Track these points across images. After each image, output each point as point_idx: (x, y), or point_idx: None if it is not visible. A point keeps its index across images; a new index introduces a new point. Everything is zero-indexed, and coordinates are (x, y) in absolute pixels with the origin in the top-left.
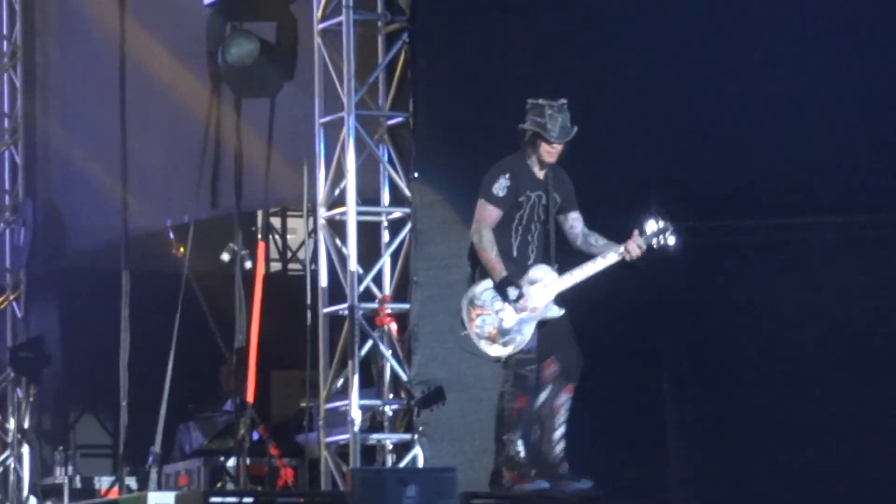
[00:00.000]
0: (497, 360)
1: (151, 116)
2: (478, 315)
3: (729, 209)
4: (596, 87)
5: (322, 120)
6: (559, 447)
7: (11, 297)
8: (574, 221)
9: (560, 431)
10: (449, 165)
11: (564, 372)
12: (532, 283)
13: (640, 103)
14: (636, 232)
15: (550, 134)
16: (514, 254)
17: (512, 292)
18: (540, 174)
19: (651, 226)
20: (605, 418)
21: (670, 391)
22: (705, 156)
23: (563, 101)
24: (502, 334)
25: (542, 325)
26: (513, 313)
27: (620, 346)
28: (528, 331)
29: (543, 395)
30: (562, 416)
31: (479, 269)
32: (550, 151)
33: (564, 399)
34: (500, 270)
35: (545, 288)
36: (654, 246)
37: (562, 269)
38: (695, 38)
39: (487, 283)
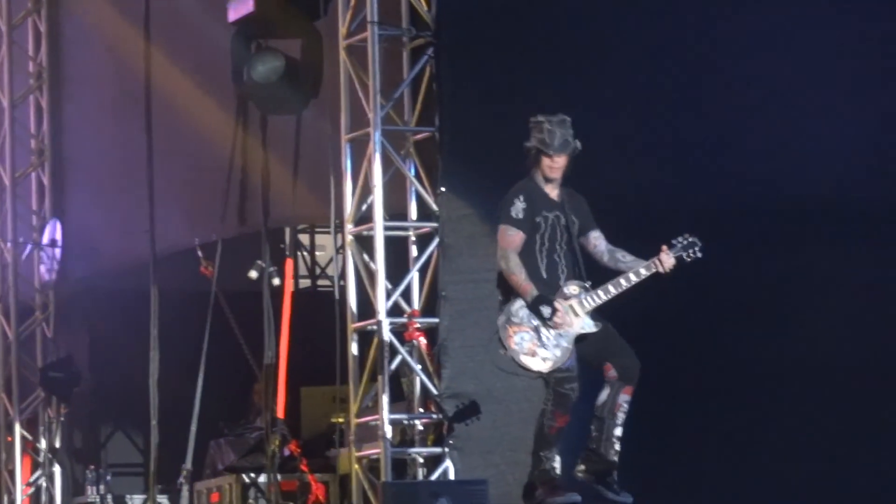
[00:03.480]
0: (538, 375)
1: (177, 137)
2: (515, 332)
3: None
4: (622, 101)
5: (348, 136)
6: (616, 447)
7: (41, 318)
8: (596, 241)
9: (618, 431)
10: (475, 179)
11: (622, 375)
12: (567, 298)
13: (666, 118)
14: (665, 246)
15: (549, 148)
16: (545, 275)
17: (545, 310)
18: (553, 195)
19: (680, 240)
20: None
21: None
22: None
23: (563, 116)
24: (541, 350)
25: (585, 339)
26: (550, 330)
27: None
28: (567, 347)
29: (603, 395)
30: (620, 416)
31: (511, 293)
32: (552, 166)
33: (623, 399)
34: (532, 290)
35: (580, 303)
36: (685, 259)
37: (594, 286)
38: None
39: (521, 302)
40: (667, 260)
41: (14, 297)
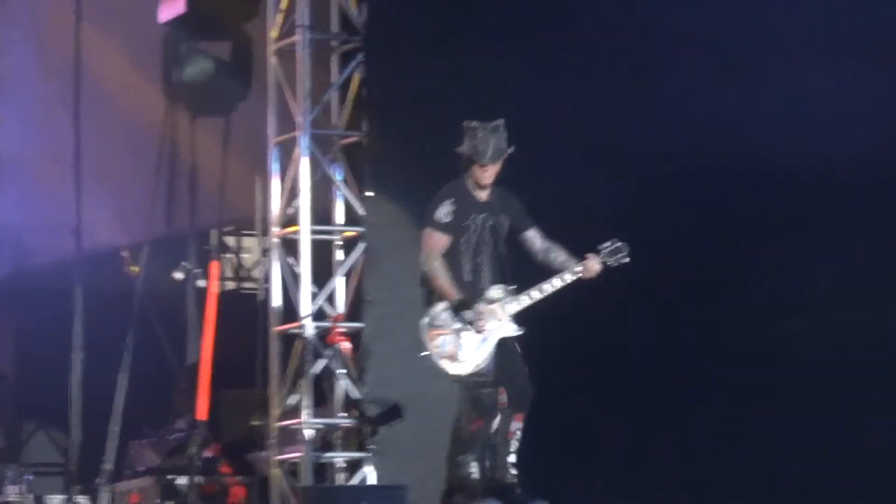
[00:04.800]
0: (457, 379)
1: (106, 137)
2: (437, 335)
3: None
4: (551, 107)
5: (276, 139)
6: (511, 472)
7: None
8: (532, 239)
9: (512, 458)
10: (403, 184)
11: (513, 400)
12: (489, 303)
13: (597, 124)
14: (592, 253)
15: (482, 157)
16: (468, 278)
17: (468, 314)
18: (482, 196)
19: (607, 245)
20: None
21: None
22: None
23: (499, 121)
24: (461, 354)
25: (500, 347)
26: (471, 334)
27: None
28: (486, 351)
29: (495, 423)
30: (513, 443)
31: (433, 296)
32: (483, 174)
33: (515, 427)
34: (455, 294)
35: (502, 308)
36: (611, 265)
37: (518, 290)
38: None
39: (445, 304)
40: (592, 266)
41: None
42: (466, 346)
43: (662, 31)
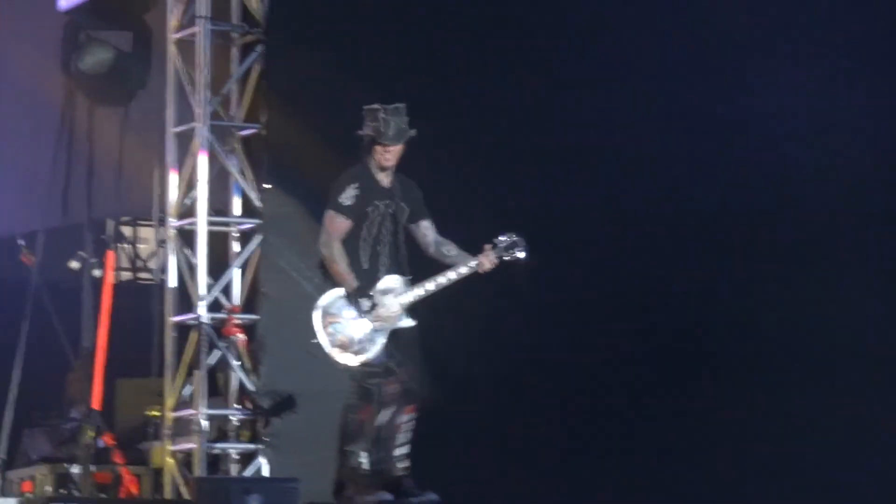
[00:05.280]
0: (346, 368)
1: (4, 119)
2: (330, 323)
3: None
4: (451, 102)
5: (175, 129)
6: (401, 465)
7: None
8: (426, 230)
9: (401, 451)
10: (300, 177)
11: (406, 392)
12: (384, 293)
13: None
14: (488, 246)
15: (384, 137)
16: (366, 265)
17: (364, 303)
18: (385, 182)
19: (503, 240)
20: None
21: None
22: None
23: (400, 104)
24: (354, 343)
25: (393, 338)
26: (365, 323)
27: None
28: (379, 342)
29: (384, 416)
30: (403, 435)
31: (330, 280)
32: (386, 155)
33: (406, 419)
34: (351, 281)
35: (397, 298)
36: (506, 259)
37: (414, 280)
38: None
39: (340, 292)
40: (487, 260)
41: None
42: (359, 336)
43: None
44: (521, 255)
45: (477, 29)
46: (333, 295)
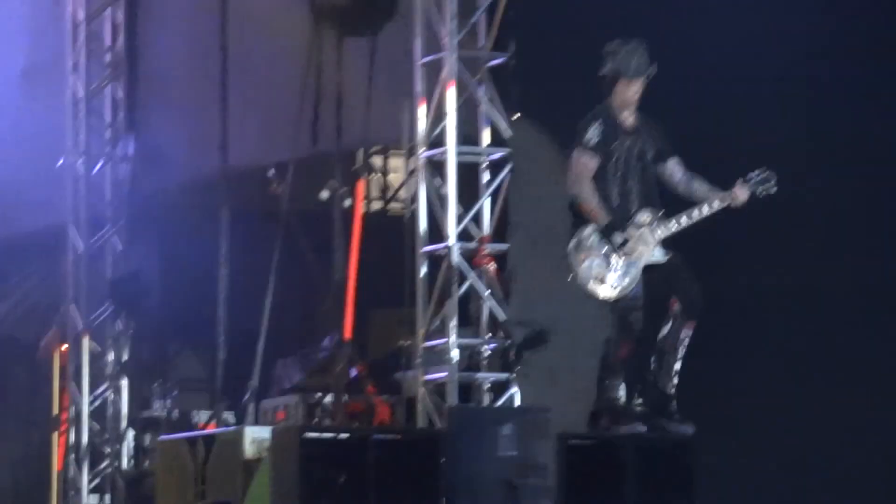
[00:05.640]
0: (606, 300)
1: (252, 54)
2: (585, 258)
3: None
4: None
5: (423, 60)
6: (674, 381)
7: (112, 231)
8: (673, 168)
9: (677, 366)
10: (550, 106)
11: (686, 309)
12: (638, 227)
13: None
14: (741, 179)
15: (627, 71)
16: (616, 201)
17: (617, 237)
18: (629, 121)
19: (756, 174)
20: None
21: None
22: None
23: (639, 40)
24: (610, 276)
25: (652, 269)
26: (620, 257)
27: None
28: (635, 275)
29: (666, 329)
30: (681, 351)
31: (581, 219)
32: (629, 90)
33: (685, 335)
34: (604, 217)
35: (651, 232)
36: (759, 194)
37: (668, 214)
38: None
39: (594, 227)
40: (740, 194)
41: (85, 210)
42: (615, 270)
43: None
44: (774, 190)
45: None
46: (587, 231)
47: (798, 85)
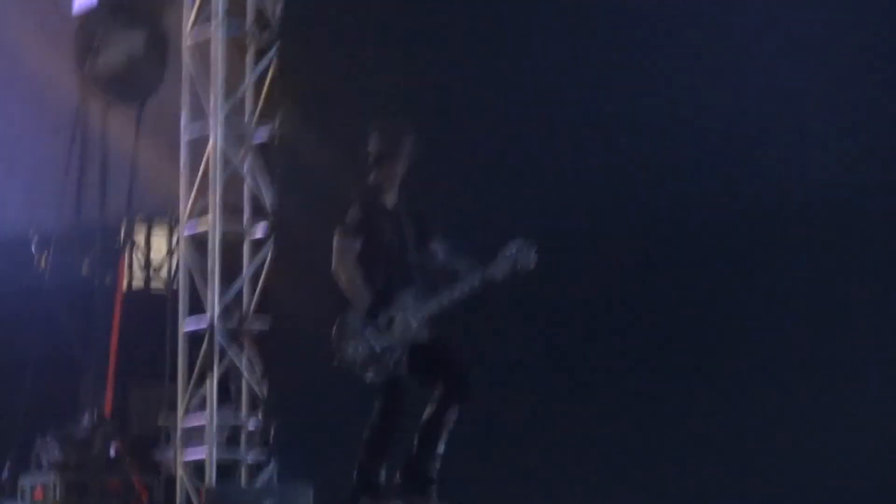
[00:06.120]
0: (371, 383)
1: (19, 119)
2: (349, 341)
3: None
4: (464, 107)
5: (188, 133)
6: (437, 464)
7: None
8: (435, 246)
9: (441, 448)
10: (314, 181)
11: (449, 392)
12: (402, 308)
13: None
14: (500, 253)
15: (393, 149)
16: (379, 284)
17: (381, 319)
18: (391, 201)
19: (512, 248)
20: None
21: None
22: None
23: (403, 119)
24: (374, 360)
25: (418, 350)
26: (384, 340)
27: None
28: (399, 356)
29: (429, 412)
30: (444, 434)
31: (346, 301)
32: (391, 170)
33: (448, 418)
34: (366, 300)
35: (415, 313)
36: (519, 268)
37: (428, 294)
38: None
39: (358, 309)
40: (497, 270)
41: None
42: (379, 352)
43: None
44: (534, 263)
45: (491, 34)
46: (350, 315)
47: None
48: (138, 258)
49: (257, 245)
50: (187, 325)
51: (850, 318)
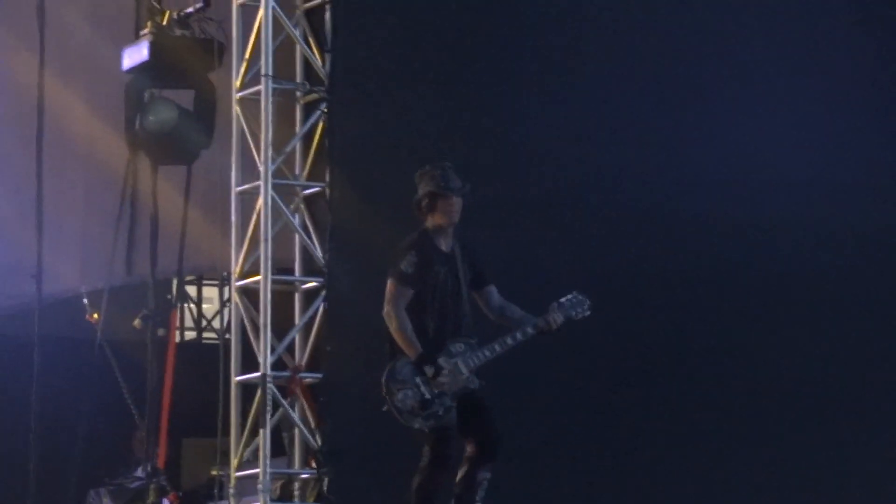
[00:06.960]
0: (420, 432)
1: (69, 179)
2: (399, 390)
3: None
4: (512, 159)
5: (239, 188)
6: None
7: None
8: (489, 295)
9: None
10: (364, 236)
11: (481, 452)
12: (452, 356)
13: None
14: (554, 304)
15: (446, 189)
16: (431, 330)
17: (429, 369)
18: (445, 246)
19: (569, 298)
20: None
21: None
22: None
23: (447, 163)
24: (424, 408)
25: (463, 400)
26: (433, 388)
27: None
28: (450, 405)
29: (461, 472)
30: (480, 492)
31: (395, 347)
32: (449, 209)
33: (482, 477)
34: (417, 348)
35: (465, 362)
36: (574, 318)
37: (480, 343)
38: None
39: (407, 358)
40: (554, 319)
41: None
42: (428, 401)
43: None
44: (588, 313)
45: (541, 84)
46: (400, 362)
47: None
48: (191, 311)
49: (309, 297)
50: (239, 376)
51: (847, 331)
